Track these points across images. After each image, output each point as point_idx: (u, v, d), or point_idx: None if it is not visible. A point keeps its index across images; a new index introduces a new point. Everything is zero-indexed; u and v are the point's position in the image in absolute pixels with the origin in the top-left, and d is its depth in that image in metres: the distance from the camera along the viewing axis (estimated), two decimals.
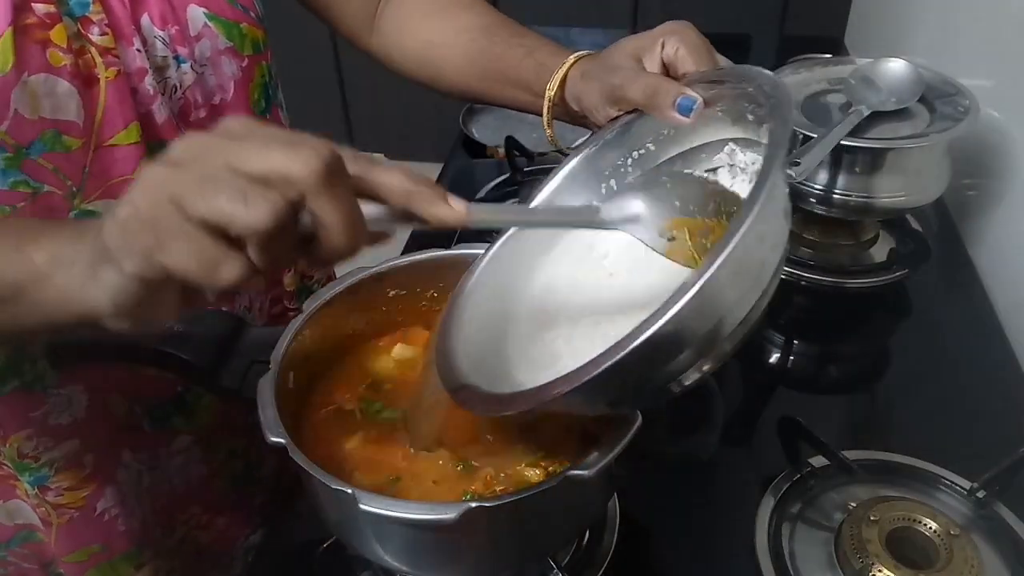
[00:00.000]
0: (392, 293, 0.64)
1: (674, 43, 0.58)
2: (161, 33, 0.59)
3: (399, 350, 0.63)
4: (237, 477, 0.78)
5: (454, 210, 0.39)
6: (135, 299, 0.37)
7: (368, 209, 0.38)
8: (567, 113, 0.65)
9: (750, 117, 0.51)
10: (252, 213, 0.33)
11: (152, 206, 0.34)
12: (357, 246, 0.37)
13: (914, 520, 0.61)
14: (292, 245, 0.36)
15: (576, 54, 0.64)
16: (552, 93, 0.64)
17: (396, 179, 0.38)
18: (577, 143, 0.63)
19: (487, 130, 1.28)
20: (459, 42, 0.72)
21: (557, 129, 0.67)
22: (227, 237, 0.34)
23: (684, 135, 0.56)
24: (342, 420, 0.59)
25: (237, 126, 0.37)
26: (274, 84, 0.70)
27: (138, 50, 0.58)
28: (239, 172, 0.34)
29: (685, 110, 0.52)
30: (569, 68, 0.64)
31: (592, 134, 0.60)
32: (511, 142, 1.12)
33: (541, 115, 0.66)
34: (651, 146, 0.57)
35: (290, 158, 0.34)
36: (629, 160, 0.58)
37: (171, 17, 0.59)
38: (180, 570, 0.76)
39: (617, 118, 0.59)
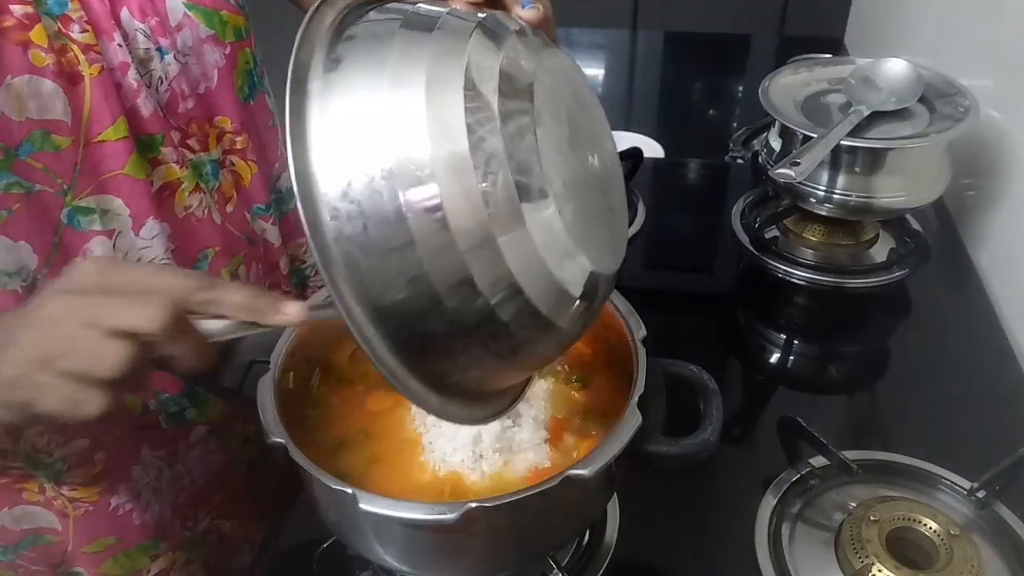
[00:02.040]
0: None
1: None
2: (141, 26, 0.59)
3: None
4: (253, 461, 0.79)
5: (288, 315, 0.44)
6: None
7: (214, 326, 0.45)
8: None
9: None
10: (106, 364, 0.41)
11: (25, 368, 0.43)
12: (206, 367, 0.45)
13: (914, 520, 0.61)
14: (147, 373, 0.44)
15: None
16: None
17: (237, 298, 0.44)
18: None
19: None
20: None
21: None
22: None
23: None
24: (342, 418, 0.59)
25: (90, 277, 0.44)
26: (259, 71, 0.70)
27: (119, 45, 0.58)
28: (95, 328, 0.41)
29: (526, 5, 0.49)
30: None
31: None
32: None
33: None
34: None
35: (137, 315, 0.41)
36: None
37: (150, 9, 0.59)
38: (201, 560, 0.77)
39: None
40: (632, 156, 1.07)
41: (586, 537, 0.65)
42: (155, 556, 0.72)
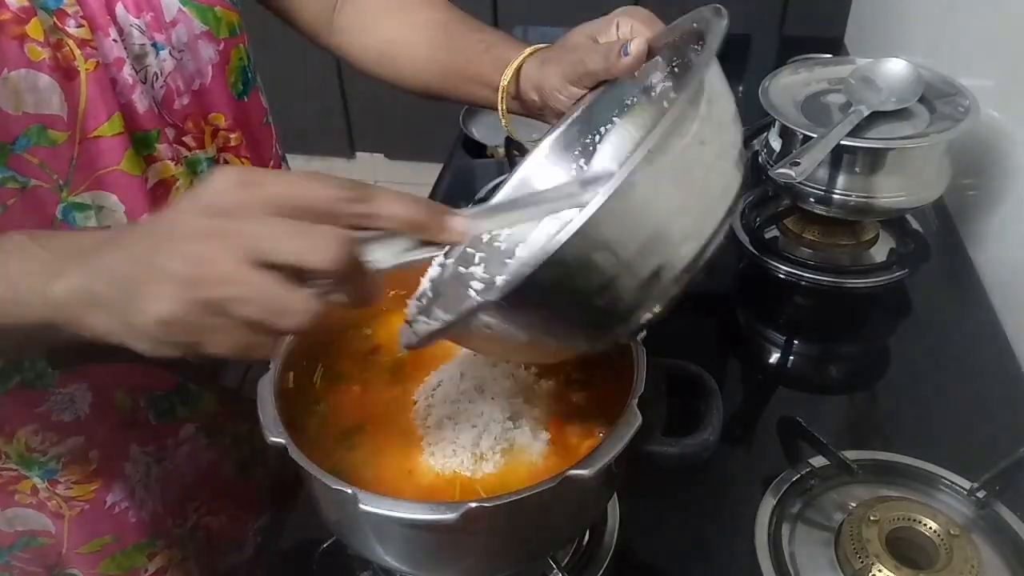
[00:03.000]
0: (392, 293, 0.64)
1: (627, 21, 0.59)
2: (136, 21, 0.59)
3: None
4: (243, 462, 0.79)
5: (457, 232, 0.41)
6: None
7: (378, 255, 0.40)
8: (523, 106, 0.67)
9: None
10: (293, 319, 0.37)
11: (189, 311, 0.36)
12: (373, 303, 0.41)
13: (914, 520, 0.61)
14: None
15: (532, 47, 0.66)
16: (506, 83, 0.65)
17: (396, 209, 0.39)
18: (540, 134, 0.63)
19: (487, 130, 1.28)
20: (419, 40, 0.73)
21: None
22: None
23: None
24: (342, 417, 0.59)
25: (229, 196, 0.38)
26: (252, 68, 0.70)
27: (115, 40, 0.58)
28: (260, 266, 0.36)
29: (626, 52, 0.55)
30: (524, 59, 0.65)
31: (559, 120, 0.61)
32: (511, 142, 1.13)
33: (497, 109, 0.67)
34: (616, 119, 0.58)
35: (310, 251, 0.36)
36: (596, 137, 0.59)
37: (145, 4, 0.60)
38: (193, 557, 0.77)
39: (580, 100, 0.60)
40: None
41: (586, 537, 0.65)
42: (152, 554, 0.72)
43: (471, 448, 0.54)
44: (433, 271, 0.55)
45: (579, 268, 0.38)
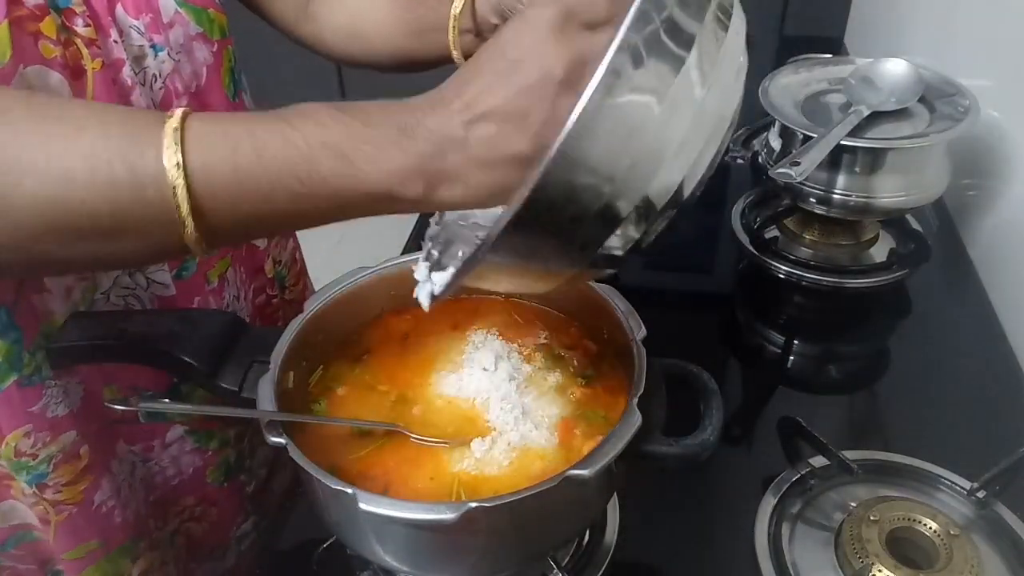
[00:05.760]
0: (392, 293, 0.64)
1: None
2: (135, 22, 0.60)
3: None
4: (229, 466, 0.78)
5: None
6: None
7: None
8: (480, 41, 0.66)
9: None
10: None
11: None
12: None
13: (914, 520, 0.61)
14: None
15: None
16: (457, 12, 0.66)
17: None
18: None
19: None
20: (383, 4, 0.73)
21: None
22: None
23: None
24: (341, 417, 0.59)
25: None
26: (238, 69, 0.71)
27: (115, 41, 0.59)
28: None
29: None
30: None
31: None
32: None
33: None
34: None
35: None
36: None
37: (145, 6, 0.60)
38: (173, 562, 0.76)
39: None
40: None
41: (586, 537, 0.65)
42: (136, 557, 0.72)
43: (471, 449, 0.54)
44: (432, 230, 0.55)
45: (565, 192, 0.38)
